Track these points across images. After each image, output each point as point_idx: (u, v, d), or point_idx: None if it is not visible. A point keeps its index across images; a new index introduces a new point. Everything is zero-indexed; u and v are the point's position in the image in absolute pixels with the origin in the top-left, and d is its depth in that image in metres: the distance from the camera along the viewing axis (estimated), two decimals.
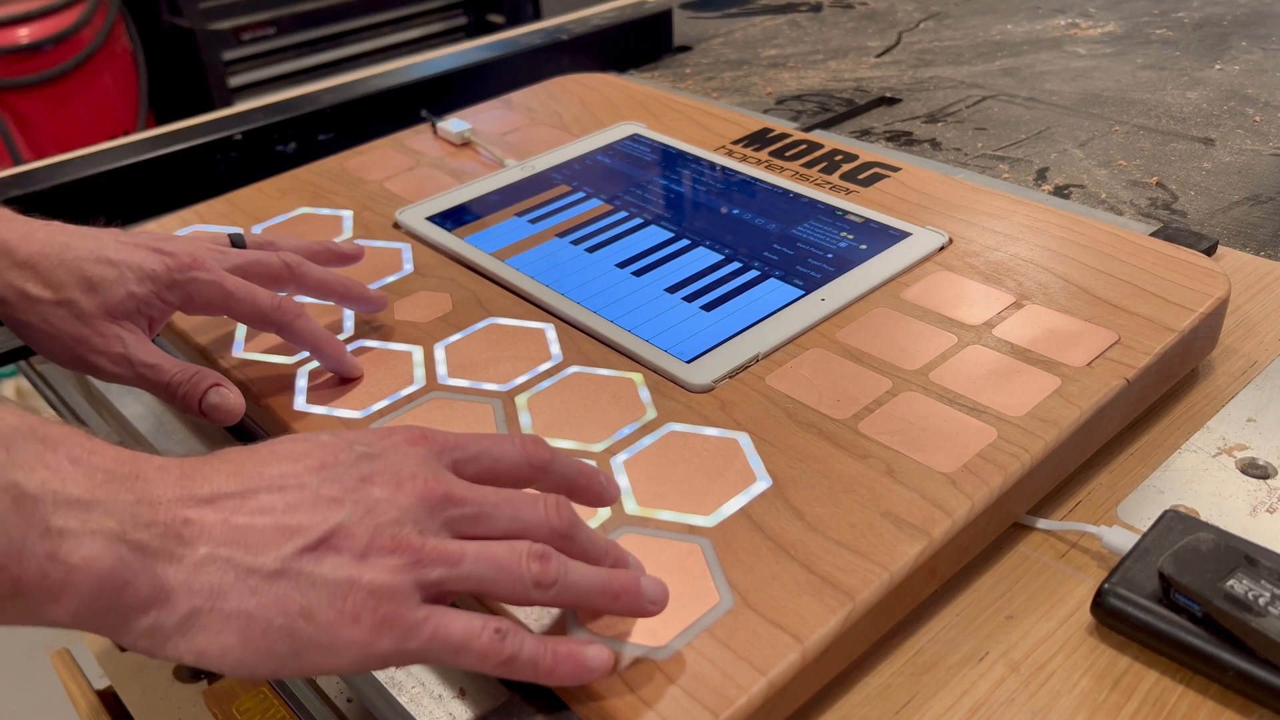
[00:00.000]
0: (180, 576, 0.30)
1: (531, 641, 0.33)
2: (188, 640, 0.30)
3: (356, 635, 0.31)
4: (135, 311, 0.48)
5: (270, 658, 0.31)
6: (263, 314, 0.49)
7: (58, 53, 1.83)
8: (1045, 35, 1.05)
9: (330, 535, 0.32)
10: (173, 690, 0.64)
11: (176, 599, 0.30)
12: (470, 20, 2.36)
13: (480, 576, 0.33)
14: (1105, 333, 0.49)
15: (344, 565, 0.31)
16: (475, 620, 0.33)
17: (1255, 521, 0.44)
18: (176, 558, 0.30)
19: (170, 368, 0.48)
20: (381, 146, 0.77)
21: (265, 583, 0.31)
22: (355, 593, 0.31)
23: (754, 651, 0.35)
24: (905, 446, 0.44)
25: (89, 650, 0.70)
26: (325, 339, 0.50)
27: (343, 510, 0.32)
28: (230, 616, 0.30)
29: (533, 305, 0.56)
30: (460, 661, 0.33)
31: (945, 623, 0.41)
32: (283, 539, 0.31)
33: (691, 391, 0.48)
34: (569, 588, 0.34)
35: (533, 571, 0.33)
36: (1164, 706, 0.37)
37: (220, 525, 0.31)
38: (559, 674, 0.33)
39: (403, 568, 0.32)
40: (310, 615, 0.31)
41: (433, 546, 0.33)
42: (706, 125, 0.75)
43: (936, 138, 0.84)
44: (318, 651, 0.31)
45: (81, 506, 0.29)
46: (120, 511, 0.30)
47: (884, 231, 0.59)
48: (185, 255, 0.49)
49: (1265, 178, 0.74)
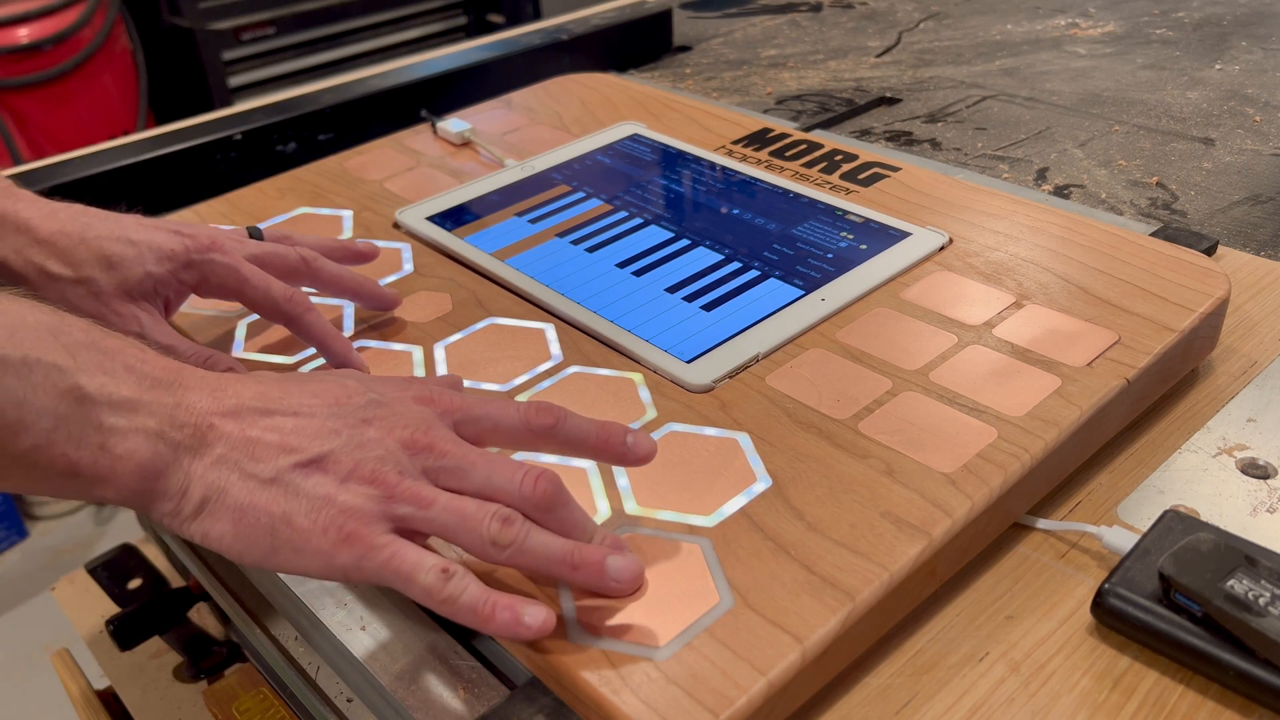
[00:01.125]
0: (198, 471, 0.36)
1: (476, 588, 0.36)
2: (198, 523, 0.36)
3: (322, 545, 0.35)
4: (153, 291, 0.50)
5: (254, 548, 0.36)
6: (275, 304, 0.50)
7: (58, 53, 1.82)
8: (1045, 35, 1.05)
9: (321, 458, 0.36)
10: (173, 690, 0.64)
11: (193, 488, 0.36)
12: (470, 20, 2.36)
13: (445, 524, 0.36)
14: (1105, 333, 0.49)
15: (326, 484, 0.36)
16: (429, 557, 0.36)
17: (1255, 521, 0.44)
18: (199, 454, 0.36)
19: (185, 349, 0.49)
20: (381, 146, 0.77)
21: (260, 486, 0.36)
22: (329, 508, 0.36)
23: (754, 651, 0.35)
24: (905, 446, 0.44)
25: (89, 650, 0.70)
26: (333, 336, 0.51)
27: (338, 440, 0.37)
28: (229, 508, 0.36)
29: (533, 305, 0.56)
30: (408, 590, 0.36)
31: (945, 623, 0.41)
32: (282, 454, 0.36)
33: (691, 391, 0.48)
34: (526, 550, 0.36)
35: (492, 530, 0.36)
36: (1164, 706, 0.37)
37: (236, 434, 0.36)
38: (495, 623, 0.35)
39: (375, 497, 0.36)
40: (289, 520, 0.35)
41: (407, 486, 0.36)
42: (706, 125, 0.75)
43: (936, 138, 0.84)
44: (291, 552, 0.36)
45: (130, 407, 0.35)
46: (160, 413, 0.36)
47: (884, 231, 0.59)
48: (204, 238, 0.50)
49: (1265, 178, 0.74)
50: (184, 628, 0.63)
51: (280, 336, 0.55)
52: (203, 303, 0.58)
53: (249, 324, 0.56)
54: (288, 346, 0.54)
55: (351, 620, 0.42)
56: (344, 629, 0.42)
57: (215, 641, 0.64)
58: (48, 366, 0.34)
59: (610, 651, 0.36)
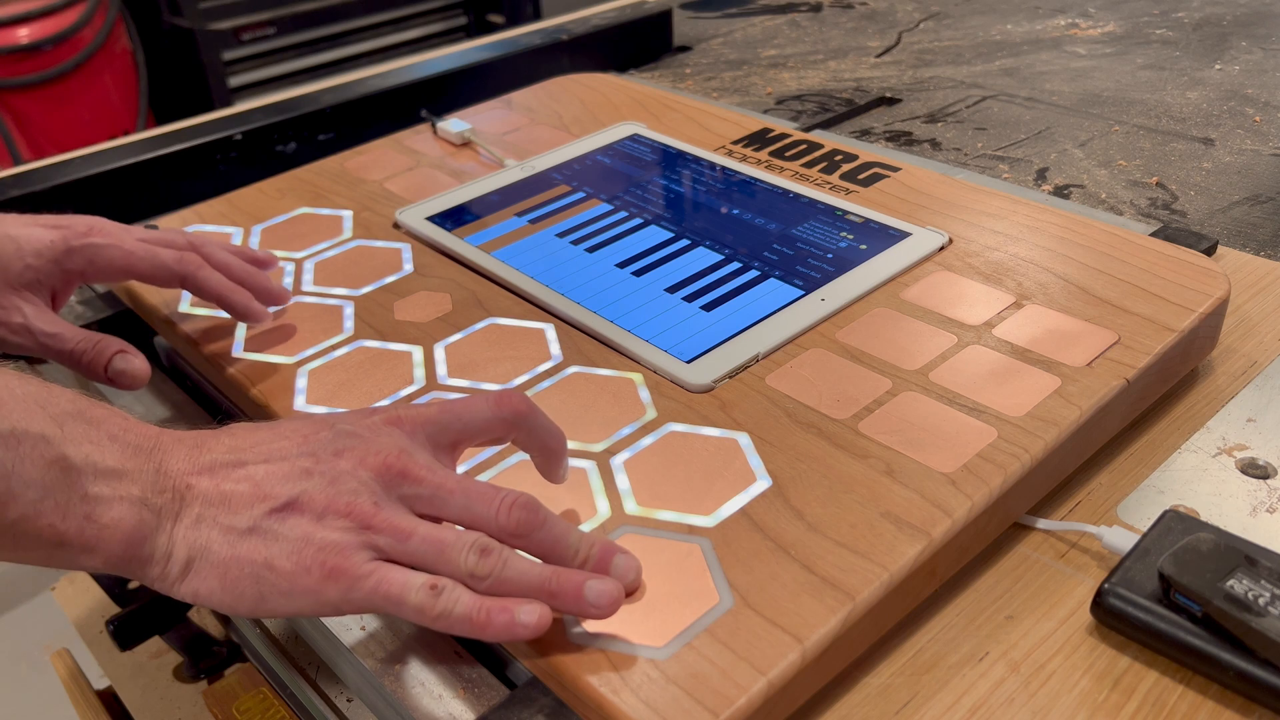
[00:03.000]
0: (180, 533, 0.36)
1: (467, 599, 0.36)
2: (186, 584, 0.36)
3: (308, 584, 0.35)
4: (35, 283, 0.51)
5: (243, 599, 0.36)
6: (167, 268, 0.52)
7: (58, 53, 1.83)
8: (1045, 35, 1.05)
9: (294, 500, 0.37)
10: (173, 690, 0.64)
11: (177, 551, 0.36)
12: (470, 20, 2.36)
13: (423, 555, 0.36)
14: (1105, 333, 0.49)
15: (302, 524, 0.36)
16: (415, 577, 0.36)
17: (1255, 521, 0.44)
18: (179, 517, 0.36)
19: (72, 336, 0.50)
20: (381, 146, 0.77)
21: (240, 538, 0.36)
22: (308, 547, 0.36)
23: (754, 651, 0.35)
24: (905, 446, 0.44)
25: (89, 650, 0.70)
26: (230, 288, 0.53)
27: (310, 480, 0.37)
28: (213, 565, 0.36)
29: (533, 305, 0.56)
30: (401, 612, 0.36)
31: (945, 623, 0.41)
32: (256, 502, 0.37)
33: (691, 391, 0.48)
34: (504, 580, 0.36)
35: (469, 563, 0.36)
36: (1164, 706, 0.37)
37: (211, 490, 0.37)
38: (492, 628, 0.35)
39: (353, 529, 0.36)
40: (271, 565, 0.36)
41: (384, 517, 0.37)
42: (706, 125, 0.75)
43: (936, 138, 0.84)
44: (279, 596, 0.36)
45: (114, 475, 0.36)
46: (143, 480, 0.36)
47: (884, 231, 0.59)
48: (82, 225, 0.52)
49: (1265, 178, 0.74)
50: (184, 628, 0.63)
51: (280, 337, 0.55)
52: (202, 303, 0.58)
53: (249, 324, 0.56)
54: (288, 347, 0.54)
55: (351, 620, 0.42)
56: (344, 629, 0.42)
57: (215, 641, 0.64)
58: (35, 437, 0.34)
59: (610, 651, 0.36)
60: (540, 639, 0.36)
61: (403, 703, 0.39)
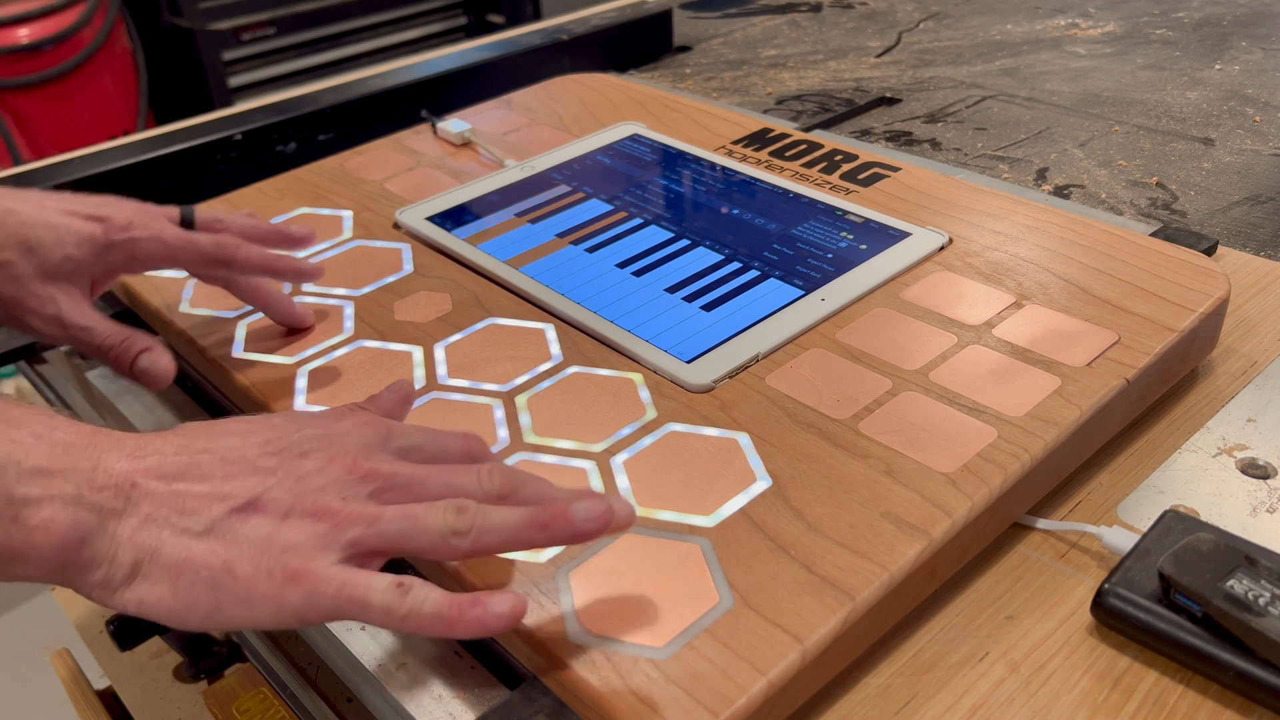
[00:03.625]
0: (125, 533, 0.33)
1: (436, 595, 0.34)
2: (131, 590, 0.33)
3: (269, 589, 0.33)
4: (74, 273, 0.50)
5: (197, 608, 0.33)
6: (207, 255, 0.51)
7: (58, 53, 1.82)
8: (1045, 35, 1.05)
9: (256, 500, 0.34)
10: (173, 690, 0.64)
11: (122, 553, 0.33)
12: (470, 20, 2.36)
13: (397, 531, 0.35)
14: (1105, 333, 0.49)
15: (265, 525, 0.34)
16: (381, 577, 0.34)
17: (1255, 521, 0.44)
18: (124, 516, 0.33)
19: (103, 330, 0.49)
20: (381, 146, 0.77)
21: (196, 540, 0.33)
22: (271, 549, 0.33)
23: (754, 651, 0.35)
24: (905, 446, 0.44)
25: (89, 650, 0.70)
26: (274, 258, 0.52)
27: (272, 479, 0.35)
28: (164, 568, 0.33)
29: (533, 305, 0.56)
30: (367, 616, 0.34)
31: (945, 623, 0.41)
32: (215, 503, 0.34)
33: (691, 391, 0.48)
34: (489, 530, 0.35)
35: (447, 521, 0.35)
36: (1164, 706, 0.37)
37: (163, 490, 0.34)
38: (465, 623, 0.34)
39: (320, 530, 0.34)
40: (230, 569, 0.33)
41: (352, 509, 0.35)
42: (706, 125, 0.75)
43: (936, 138, 0.84)
44: (236, 604, 0.33)
45: (43, 475, 0.33)
46: (78, 478, 0.33)
47: (884, 231, 0.59)
48: (121, 218, 0.51)
49: (1265, 178, 0.74)
50: None
51: (281, 337, 0.55)
52: (202, 303, 0.58)
53: (249, 324, 0.56)
54: (288, 347, 0.54)
55: (351, 620, 0.42)
56: (344, 629, 0.42)
57: (215, 641, 0.64)
58: None
59: (610, 651, 0.36)
60: (540, 639, 0.36)
61: (402, 703, 0.39)
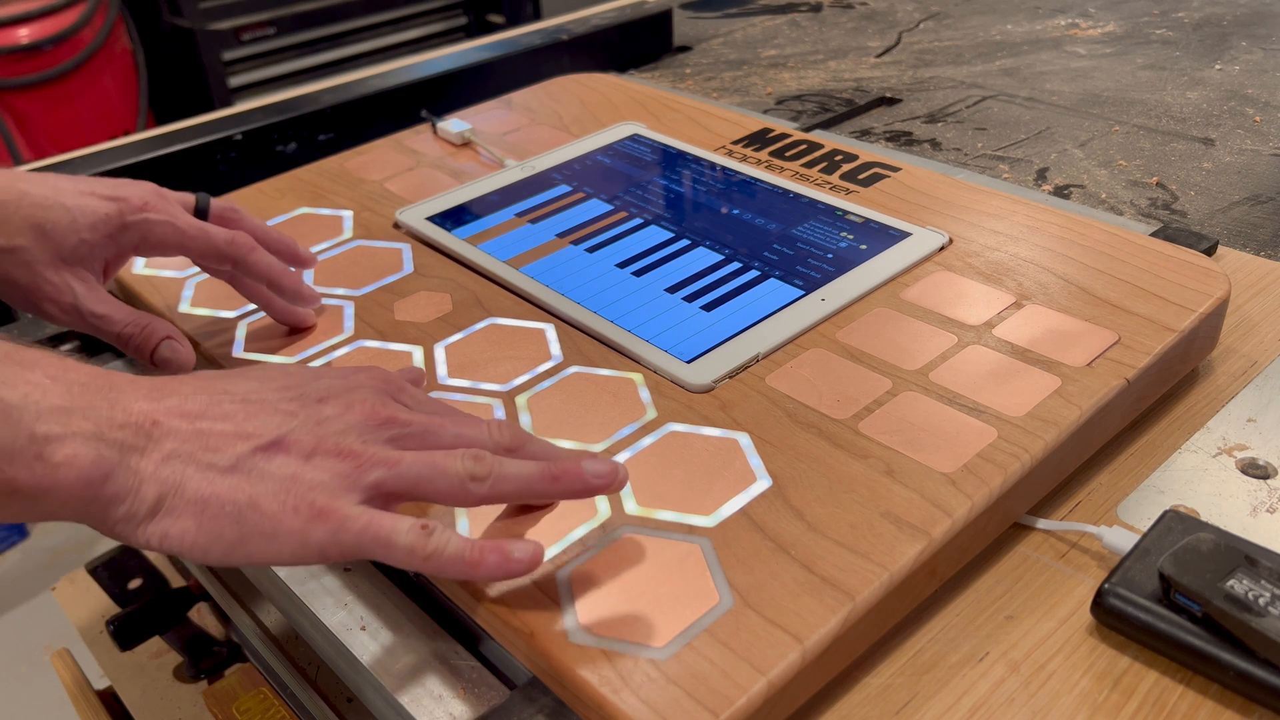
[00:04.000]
0: (149, 468, 0.34)
1: (459, 539, 0.35)
2: (155, 523, 0.34)
3: (295, 525, 0.34)
4: (89, 256, 0.50)
5: (220, 542, 0.34)
6: (218, 249, 0.51)
7: (58, 53, 1.83)
8: (1045, 35, 1.05)
9: (281, 439, 0.35)
10: (173, 690, 0.64)
11: (145, 488, 0.34)
12: (470, 20, 2.36)
13: (418, 475, 0.36)
14: (1105, 333, 0.49)
15: (290, 464, 0.35)
16: (406, 519, 0.35)
17: (1255, 521, 0.44)
18: (146, 452, 0.34)
19: (121, 318, 0.49)
20: (381, 146, 0.77)
21: (221, 476, 0.34)
22: (297, 487, 0.34)
23: (754, 651, 0.35)
24: (905, 446, 0.44)
25: (89, 650, 0.70)
26: (282, 271, 0.52)
27: (295, 420, 0.36)
28: (189, 502, 0.34)
29: (533, 305, 0.56)
30: (391, 557, 0.35)
31: (945, 623, 0.41)
32: (239, 441, 0.35)
33: (691, 391, 0.48)
34: (504, 478, 0.37)
35: (466, 467, 0.36)
36: (1164, 706, 0.37)
37: (186, 429, 0.35)
38: (485, 567, 0.35)
39: (344, 470, 0.35)
40: (256, 505, 0.34)
41: (373, 452, 0.36)
42: (706, 125, 0.75)
43: (936, 138, 0.84)
44: (261, 539, 0.34)
45: (62, 413, 0.33)
46: (96, 416, 0.34)
47: (884, 231, 0.59)
48: (137, 199, 0.50)
49: (1265, 178, 0.74)
50: (184, 628, 0.63)
51: (282, 337, 0.55)
52: (202, 303, 0.58)
53: (249, 325, 0.56)
54: (289, 347, 0.54)
55: (351, 620, 0.42)
56: (344, 629, 0.42)
57: (215, 641, 0.64)
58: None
59: (610, 651, 0.36)
60: (540, 639, 0.36)
61: (402, 703, 0.39)
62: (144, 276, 0.61)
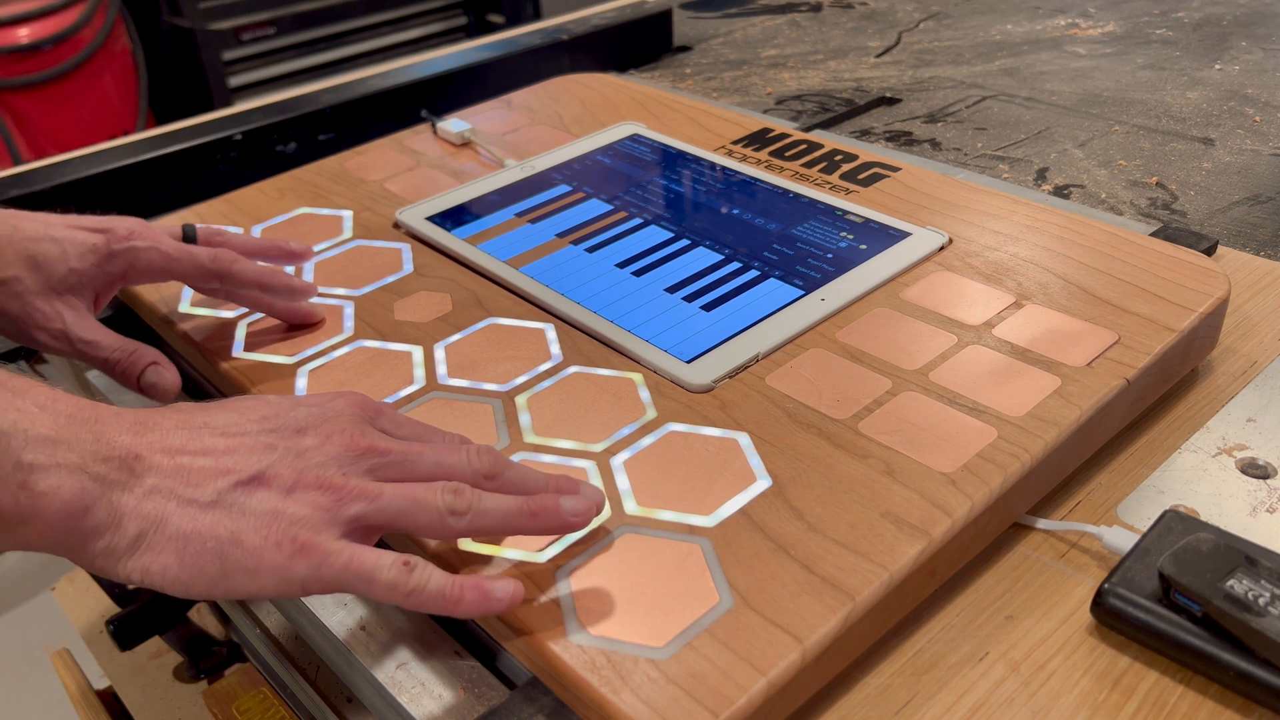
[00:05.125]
0: (131, 503, 0.34)
1: (440, 575, 0.36)
2: (136, 559, 0.34)
3: (277, 560, 0.34)
4: (79, 286, 0.51)
5: (202, 577, 0.34)
6: (203, 267, 0.52)
7: (58, 53, 1.83)
8: (1045, 35, 1.05)
9: (261, 474, 0.36)
10: (173, 690, 0.64)
11: (127, 522, 0.34)
12: (470, 20, 2.36)
13: (398, 509, 0.36)
14: (1105, 333, 0.49)
15: (271, 499, 0.35)
16: (387, 555, 0.35)
17: (1255, 521, 0.44)
18: (128, 487, 0.35)
19: (108, 344, 0.51)
20: (381, 146, 0.77)
21: (202, 511, 0.35)
22: (279, 522, 0.35)
23: (754, 651, 0.35)
24: (905, 446, 0.44)
25: (89, 650, 0.70)
26: (269, 273, 0.53)
27: (274, 454, 0.36)
28: (171, 538, 0.34)
29: (533, 305, 0.56)
30: (372, 592, 0.35)
31: (945, 623, 0.41)
32: (219, 476, 0.35)
33: (691, 391, 0.48)
34: (484, 514, 0.37)
35: (446, 501, 0.36)
36: (1164, 706, 0.37)
37: (167, 464, 0.35)
38: (465, 604, 0.35)
39: (325, 504, 0.36)
40: (238, 540, 0.34)
41: (354, 485, 0.36)
42: (706, 125, 0.75)
43: (936, 138, 0.84)
44: (243, 574, 0.34)
45: (49, 443, 0.34)
46: (81, 448, 0.34)
47: (884, 231, 0.59)
48: (123, 229, 0.52)
49: (1265, 178, 0.74)
50: (184, 628, 0.63)
51: (281, 337, 0.55)
52: (202, 303, 0.58)
53: (249, 325, 0.56)
54: (288, 347, 0.54)
55: (351, 620, 0.42)
56: (344, 629, 0.42)
57: (215, 641, 0.64)
58: None
59: (610, 651, 0.36)
60: (540, 639, 0.36)
61: (402, 703, 0.39)
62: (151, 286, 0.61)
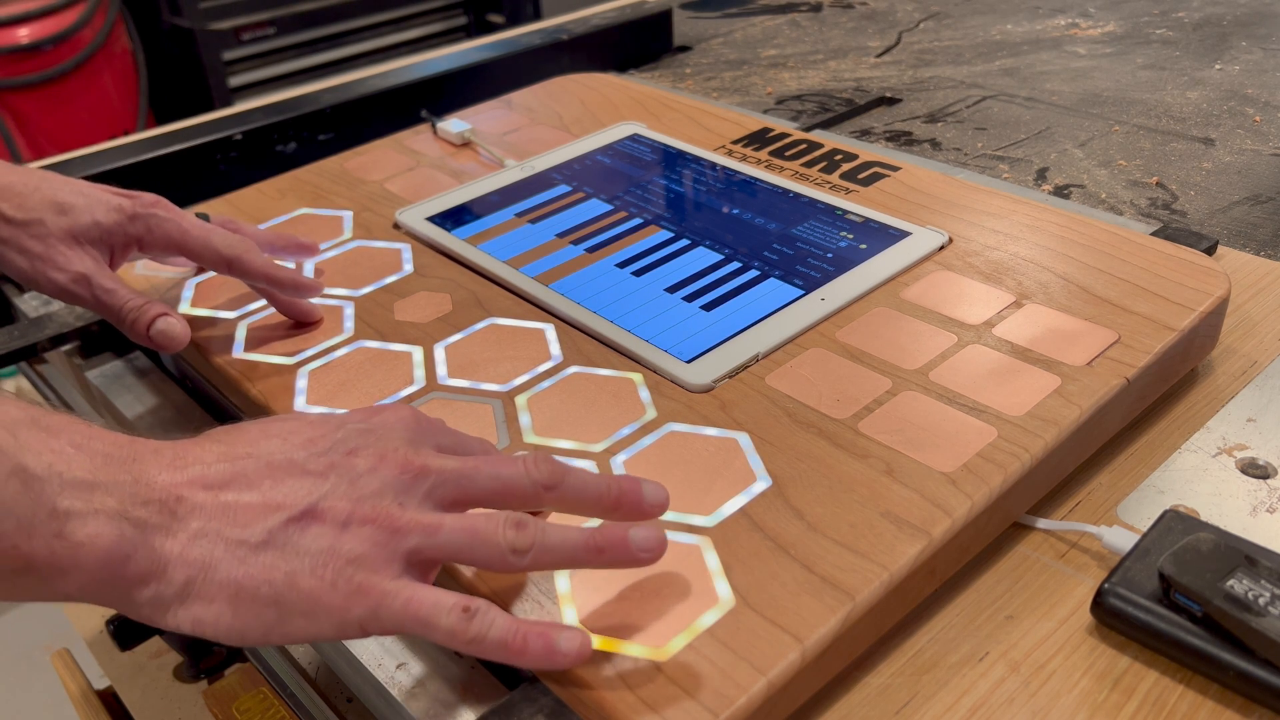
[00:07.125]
0: (175, 549, 0.32)
1: (502, 622, 0.33)
2: (185, 609, 0.32)
3: (334, 601, 0.32)
4: (99, 240, 0.52)
5: (258, 624, 0.32)
6: (216, 251, 0.53)
7: (58, 53, 1.82)
8: (1045, 35, 1.05)
9: (314, 507, 0.33)
10: (173, 690, 0.64)
11: (173, 571, 0.32)
12: (470, 20, 2.36)
13: (458, 545, 0.34)
14: (1105, 332, 0.49)
15: (325, 535, 0.33)
16: (447, 597, 0.33)
17: (1255, 521, 0.43)
18: (171, 532, 0.32)
19: (125, 293, 0.52)
20: (381, 147, 0.77)
21: (252, 553, 0.32)
22: (334, 560, 0.33)
23: (754, 651, 0.35)
24: (905, 446, 0.44)
25: (89, 650, 0.70)
26: (277, 269, 0.54)
27: (326, 483, 0.34)
28: (221, 585, 0.32)
29: (532, 305, 0.56)
30: (431, 635, 0.33)
31: (945, 623, 0.41)
32: (269, 513, 0.33)
33: (691, 391, 0.48)
34: (547, 550, 0.35)
35: (508, 538, 0.34)
36: (1164, 706, 0.37)
37: (211, 503, 0.33)
38: (529, 655, 0.33)
39: (380, 539, 0.33)
40: (293, 583, 0.32)
41: (410, 517, 0.34)
42: (706, 125, 0.75)
43: (936, 138, 0.84)
44: (300, 618, 0.32)
45: (85, 488, 0.31)
46: (120, 491, 0.32)
47: (884, 231, 0.59)
48: (148, 197, 0.54)
49: (1265, 178, 0.74)
50: None
51: (281, 337, 0.55)
52: (202, 304, 0.58)
53: (249, 325, 0.56)
54: (288, 347, 0.54)
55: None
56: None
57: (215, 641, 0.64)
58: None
59: (610, 651, 0.36)
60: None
61: (402, 703, 0.39)
62: (144, 277, 0.61)
